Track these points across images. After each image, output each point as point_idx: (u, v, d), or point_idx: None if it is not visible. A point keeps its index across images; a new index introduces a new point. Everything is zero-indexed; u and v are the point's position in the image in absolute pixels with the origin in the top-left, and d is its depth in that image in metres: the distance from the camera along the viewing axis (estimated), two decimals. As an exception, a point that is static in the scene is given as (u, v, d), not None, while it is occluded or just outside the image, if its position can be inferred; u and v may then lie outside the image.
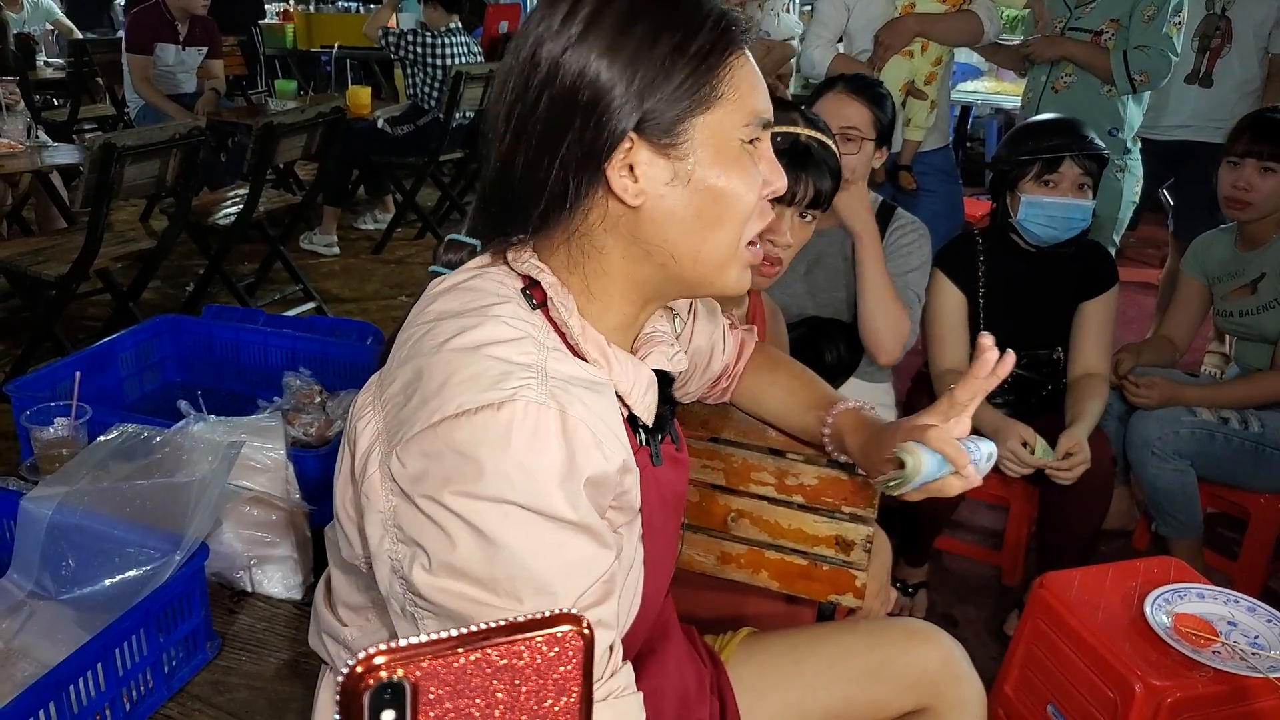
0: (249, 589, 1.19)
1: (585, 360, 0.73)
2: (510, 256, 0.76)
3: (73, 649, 0.92)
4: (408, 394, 0.67)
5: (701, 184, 0.71)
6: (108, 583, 1.04)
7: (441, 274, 0.78)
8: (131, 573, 1.04)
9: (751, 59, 0.75)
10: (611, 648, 0.68)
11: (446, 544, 0.63)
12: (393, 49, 4.57)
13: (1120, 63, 2.58)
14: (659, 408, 0.81)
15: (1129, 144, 2.73)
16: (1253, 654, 1.36)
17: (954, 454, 0.86)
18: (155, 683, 1.00)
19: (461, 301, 0.72)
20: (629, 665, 0.70)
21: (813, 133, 1.40)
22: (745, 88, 0.73)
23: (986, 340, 0.84)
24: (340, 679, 0.27)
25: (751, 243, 0.76)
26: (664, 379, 0.83)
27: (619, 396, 0.75)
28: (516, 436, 0.63)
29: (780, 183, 0.76)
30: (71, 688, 0.90)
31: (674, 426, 0.89)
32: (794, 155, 1.41)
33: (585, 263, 0.74)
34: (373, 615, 0.80)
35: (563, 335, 0.73)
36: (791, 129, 1.40)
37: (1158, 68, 2.57)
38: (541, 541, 0.64)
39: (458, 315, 0.70)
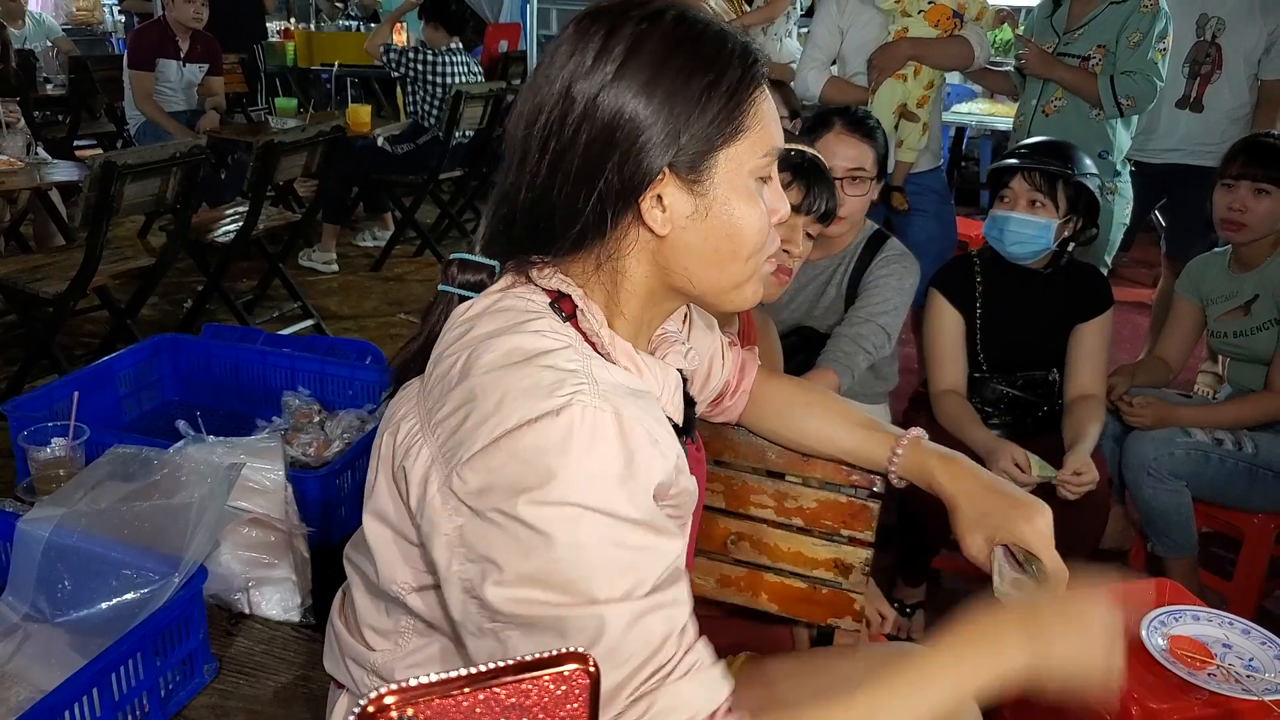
0: (247, 611, 1.18)
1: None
2: (534, 275, 0.78)
3: (69, 673, 0.91)
4: (462, 415, 0.68)
5: (717, 219, 0.75)
6: (104, 605, 1.04)
7: (451, 293, 0.80)
8: (129, 595, 1.03)
9: (769, 92, 0.78)
10: (685, 627, 0.69)
11: (518, 553, 0.65)
12: (393, 66, 4.59)
13: (1108, 87, 2.63)
14: (684, 409, 0.84)
15: (1119, 166, 2.76)
16: (1247, 676, 1.36)
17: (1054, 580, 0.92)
18: (151, 707, 1.00)
19: (498, 322, 0.73)
20: (704, 640, 0.71)
21: (810, 150, 1.44)
22: (766, 120, 0.76)
23: None
24: (352, 718, 0.27)
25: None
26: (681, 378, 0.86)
27: None
28: (577, 440, 0.65)
29: (785, 207, 0.80)
30: (67, 713, 0.90)
31: (695, 428, 0.92)
32: (803, 170, 1.45)
33: (609, 282, 0.77)
34: (403, 639, 0.80)
35: (593, 345, 0.76)
36: (796, 145, 1.44)
37: (1144, 92, 2.62)
38: (610, 538, 0.65)
39: (497, 334, 0.72)
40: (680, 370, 0.85)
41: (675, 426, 0.83)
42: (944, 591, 2.27)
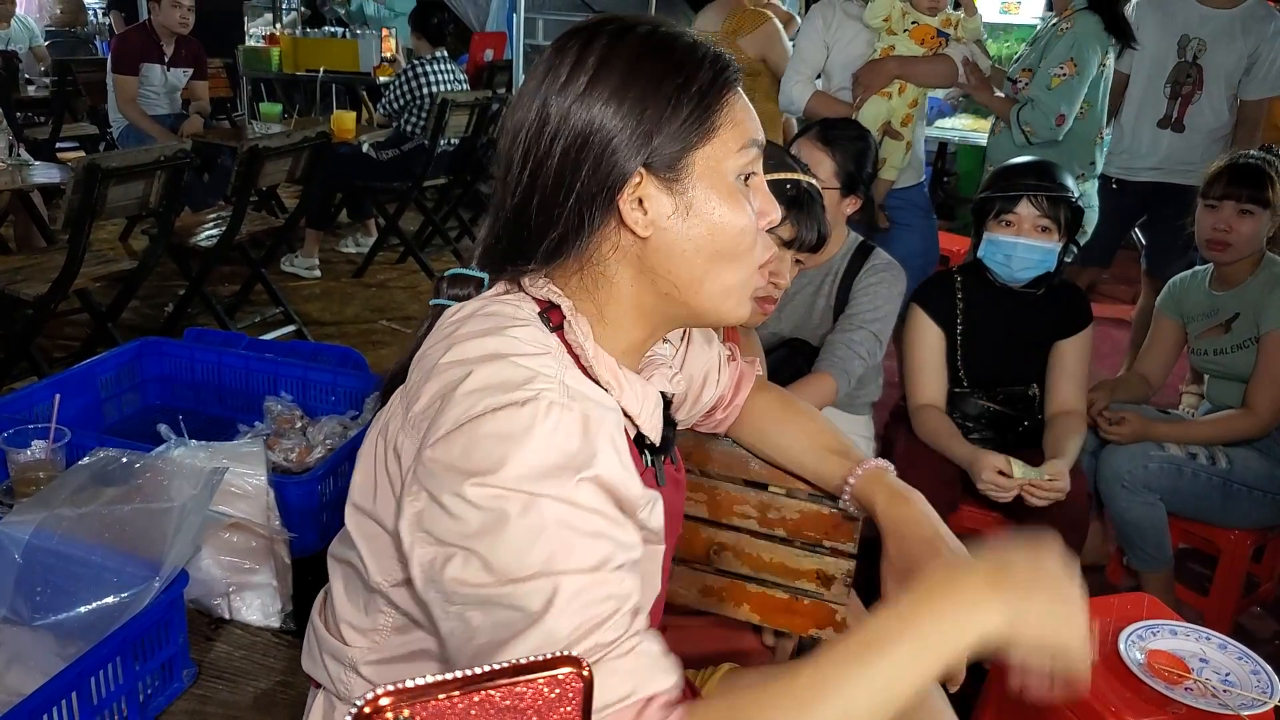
0: (227, 616, 1.18)
1: (598, 383, 0.77)
2: (525, 284, 0.80)
3: (47, 677, 0.90)
4: (437, 408, 0.70)
5: (699, 216, 0.76)
6: (84, 609, 1.03)
7: (442, 306, 0.81)
8: (109, 599, 1.02)
9: (743, 94, 0.80)
10: (636, 612, 0.67)
11: (467, 534, 0.65)
12: (384, 109, 4.67)
13: (1015, 116, 2.72)
14: (663, 429, 0.85)
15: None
16: (1224, 691, 1.38)
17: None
18: (130, 712, 0.99)
19: (483, 325, 0.75)
20: (658, 635, 0.69)
21: (808, 178, 1.44)
22: (740, 118, 0.78)
23: None
24: (349, 718, 0.27)
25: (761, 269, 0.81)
26: (664, 400, 0.87)
27: (628, 417, 0.79)
28: (539, 429, 0.66)
29: (775, 213, 0.81)
30: (45, 717, 0.89)
31: (674, 447, 0.93)
32: (797, 200, 1.44)
33: (597, 290, 0.79)
34: (380, 636, 0.81)
35: (576, 358, 0.77)
36: (791, 175, 1.43)
37: (1038, 120, 2.68)
38: (561, 520, 0.65)
39: (479, 335, 0.73)
40: (664, 392, 0.86)
41: (652, 446, 0.84)
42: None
